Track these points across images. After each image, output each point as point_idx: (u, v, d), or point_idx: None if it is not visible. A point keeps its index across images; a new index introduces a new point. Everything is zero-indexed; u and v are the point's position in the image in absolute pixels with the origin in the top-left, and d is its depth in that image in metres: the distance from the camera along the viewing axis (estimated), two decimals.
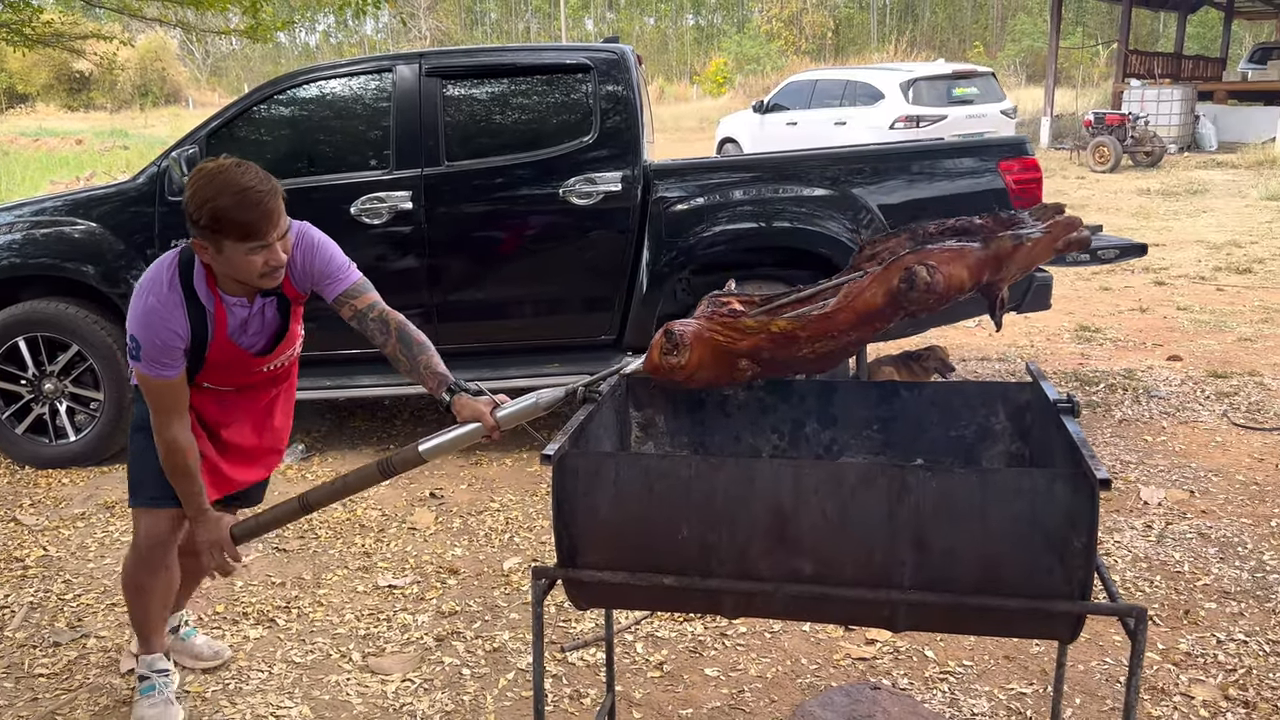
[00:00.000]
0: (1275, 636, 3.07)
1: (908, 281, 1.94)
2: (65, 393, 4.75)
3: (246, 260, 2.20)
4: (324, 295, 2.47)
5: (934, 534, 1.85)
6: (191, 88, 44.10)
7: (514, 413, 2.27)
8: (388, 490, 4.41)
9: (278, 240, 2.20)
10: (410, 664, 3.05)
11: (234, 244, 2.17)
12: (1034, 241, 1.96)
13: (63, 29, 13.64)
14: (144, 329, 2.29)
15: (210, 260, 2.27)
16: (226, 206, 2.11)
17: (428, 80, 4.63)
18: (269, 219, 2.15)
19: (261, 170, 2.20)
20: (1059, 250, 1.98)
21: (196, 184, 2.16)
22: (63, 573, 3.72)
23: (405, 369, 2.41)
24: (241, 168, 2.16)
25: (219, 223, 2.13)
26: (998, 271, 1.97)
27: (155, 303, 2.29)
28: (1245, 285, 8.16)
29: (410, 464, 2.34)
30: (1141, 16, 34.75)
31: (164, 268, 2.33)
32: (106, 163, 19.33)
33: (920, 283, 1.93)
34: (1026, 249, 1.96)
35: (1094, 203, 13.09)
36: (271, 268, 2.23)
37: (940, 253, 1.96)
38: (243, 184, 2.12)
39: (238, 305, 2.39)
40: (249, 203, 2.11)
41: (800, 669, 2.97)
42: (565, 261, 4.66)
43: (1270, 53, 22.79)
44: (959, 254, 1.96)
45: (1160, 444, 4.69)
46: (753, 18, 51.50)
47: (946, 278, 1.94)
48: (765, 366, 2.16)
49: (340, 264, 2.46)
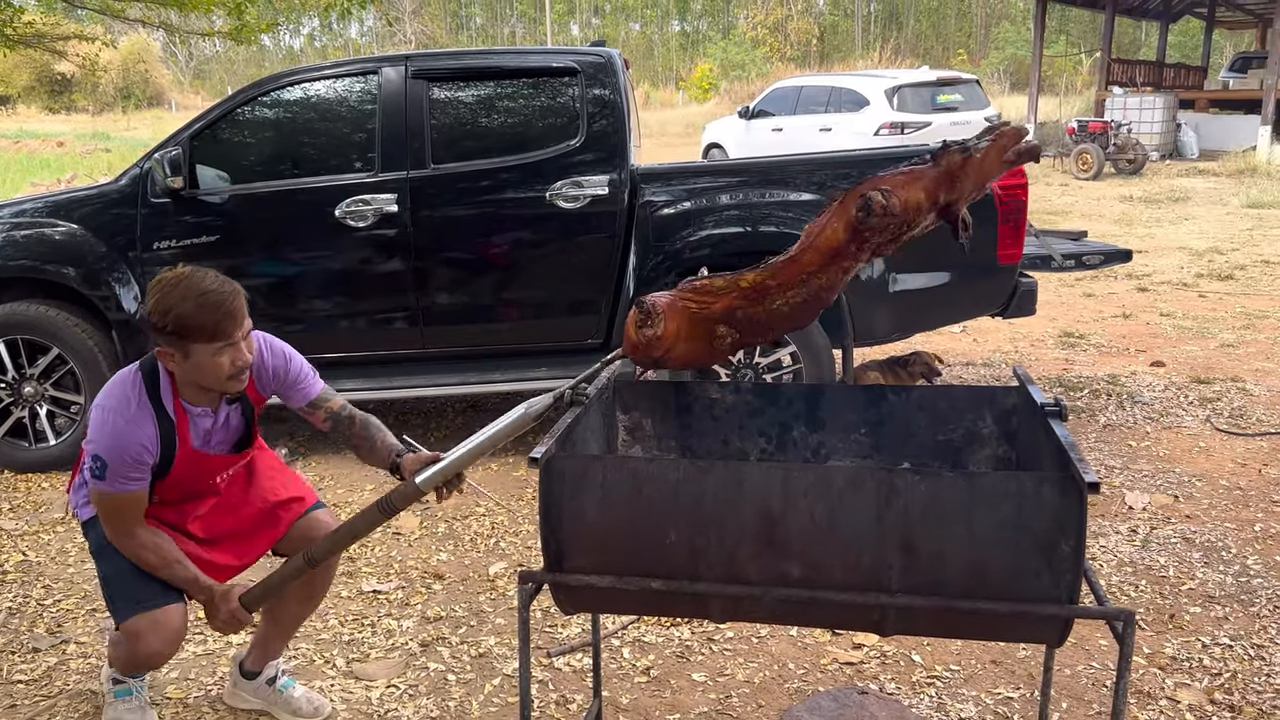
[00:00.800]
0: (1260, 640, 3.08)
1: (864, 208, 1.93)
2: (45, 396, 4.70)
3: (214, 362, 2.22)
4: (291, 401, 2.51)
5: (922, 538, 1.84)
6: (174, 90, 43.89)
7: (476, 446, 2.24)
8: (373, 496, 4.38)
9: (242, 340, 2.25)
10: (395, 670, 3.02)
11: (201, 346, 2.19)
12: (982, 153, 1.94)
13: (44, 30, 13.55)
14: (113, 449, 2.24)
15: (176, 368, 2.26)
16: (191, 310, 2.15)
17: (414, 82, 4.61)
18: (233, 318, 2.19)
19: (220, 274, 2.26)
20: (1009, 162, 1.95)
21: (158, 294, 2.19)
22: (42, 578, 3.68)
23: (365, 451, 2.51)
24: (200, 273, 2.22)
25: (185, 327, 2.16)
26: (952, 189, 1.95)
27: (124, 422, 2.25)
28: (1227, 292, 8.22)
29: (410, 499, 2.30)
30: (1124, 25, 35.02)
31: (128, 385, 2.30)
32: (88, 165, 19.20)
33: (876, 206, 1.92)
34: (976, 161, 1.94)
35: (1077, 209, 13.17)
36: (239, 368, 2.26)
37: (893, 177, 1.96)
38: (204, 287, 2.17)
39: (201, 415, 2.38)
40: (212, 304, 2.16)
41: (788, 673, 2.96)
42: (552, 265, 4.65)
43: (1251, 62, 22.99)
44: (912, 175, 1.96)
45: (1144, 449, 4.71)
46: (738, 24, 51.67)
47: (903, 200, 1.93)
48: (745, 330, 2.12)
49: (308, 371, 2.54)
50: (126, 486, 2.29)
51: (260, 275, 4.63)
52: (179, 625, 2.43)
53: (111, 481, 2.27)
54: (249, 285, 4.53)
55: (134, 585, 2.41)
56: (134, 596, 2.41)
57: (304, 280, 4.64)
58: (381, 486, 4.47)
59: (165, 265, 4.57)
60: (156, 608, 2.40)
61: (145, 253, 4.58)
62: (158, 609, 2.40)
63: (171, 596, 2.43)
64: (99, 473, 2.27)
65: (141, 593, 2.41)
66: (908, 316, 4.78)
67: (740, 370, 4.59)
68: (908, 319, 4.81)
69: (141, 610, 2.39)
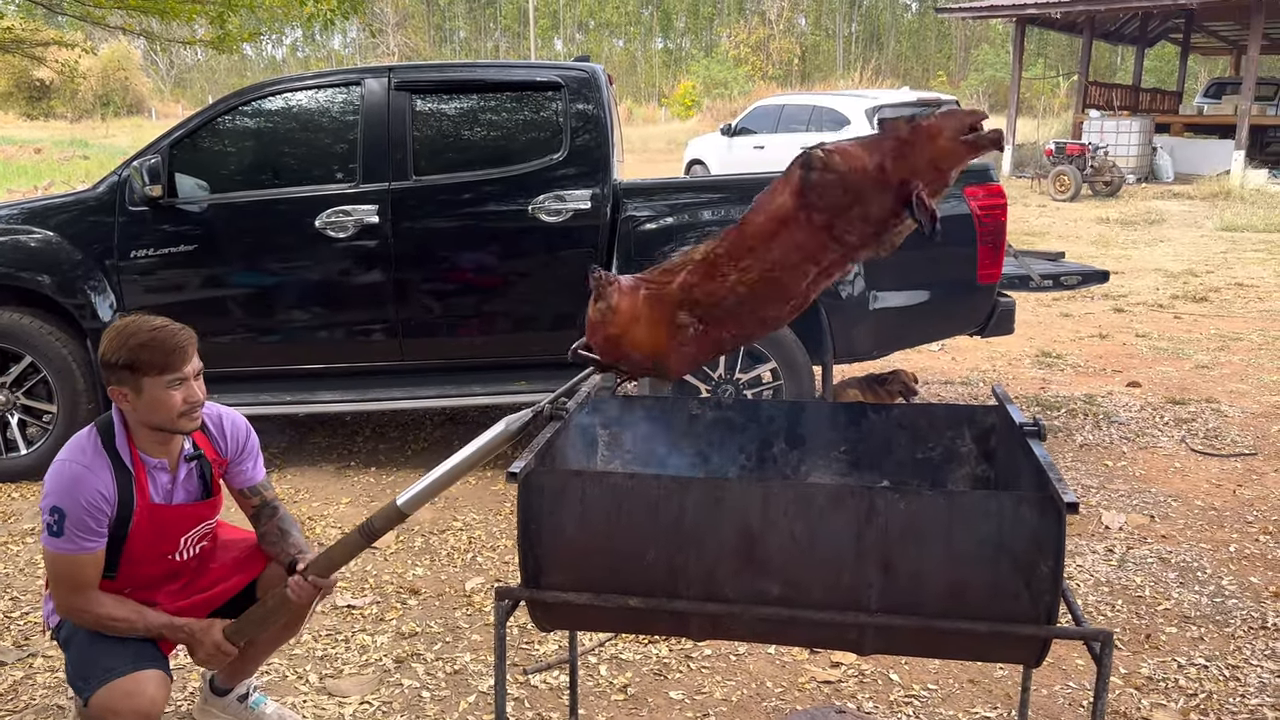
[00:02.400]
0: (1235, 661, 3.09)
1: (805, 164, 1.90)
2: (17, 405, 4.64)
3: (167, 395, 2.25)
4: (234, 479, 2.54)
5: (901, 556, 1.84)
6: (155, 98, 43.64)
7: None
8: (348, 508, 4.34)
9: (194, 378, 2.29)
10: (369, 686, 2.99)
11: (153, 380, 2.23)
12: (931, 125, 1.89)
13: (23, 35, 13.44)
14: (68, 495, 2.21)
15: (130, 407, 2.28)
16: (142, 343, 2.22)
17: (396, 94, 4.59)
18: (182, 353, 2.26)
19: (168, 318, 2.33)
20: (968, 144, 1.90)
21: (110, 335, 2.27)
22: (10, 589, 3.62)
23: (272, 541, 2.54)
24: (150, 316, 2.31)
25: (136, 361, 2.22)
26: (902, 160, 1.90)
27: (80, 468, 2.24)
28: (1202, 313, 8.30)
29: (392, 522, 2.27)
30: (1101, 49, 35.48)
31: (83, 438, 2.31)
32: (65, 172, 19.04)
33: (816, 161, 1.89)
34: (926, 133, 1.89)
35: (1054, 230, 13.29)
36: (190, 404, 2.29)
37: (836, 145, 1.94)
38: (154, 324, 2.27)
39: (159, 469, 2.36)
40: (162, 338, 2.24)
41: (765, 692, 2.95)
42: (533, 279, 4.64)
43: (1225, 87, 23.34)
44: (857, 141, 1.94)
45: (1120, 469, 4.74)
46: (721, 42, 51.96)
47: (844, 156, 1.90)
48: (707, 318, 2.06)
49: (259, 453, 2.61)
50: (85, 543, 2.23)
51: (239, 285, 4.60)
52: (155, 693, 2.25)
53: (70, 537, 2.21)
54: (227, 295, 4.59)
55: (103, 656, 2.27)
56: (104, 666, 2.25)
57: (283, 291, 4.60)
58: (357, 499, 4.44)
59: (142, 273, 4.54)
60: (126, 674, 2.23)
61: (122, 261, 4.53)
62: (127, 675, 2.23)
63: (144, 663, 2.27)
64: (57, 527, 2.21)
65: (110, 660, 2.25)
66: (887, 334, 4.80)
67: (720, 386, 4.59)
68: (887, 337, 4.83)
69: (113, 678, 2.22)
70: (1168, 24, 24.02)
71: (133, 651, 2.29)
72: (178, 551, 2.43)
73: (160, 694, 2.26)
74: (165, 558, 2.41)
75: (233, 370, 4.64)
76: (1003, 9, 21.70)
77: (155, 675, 2.27)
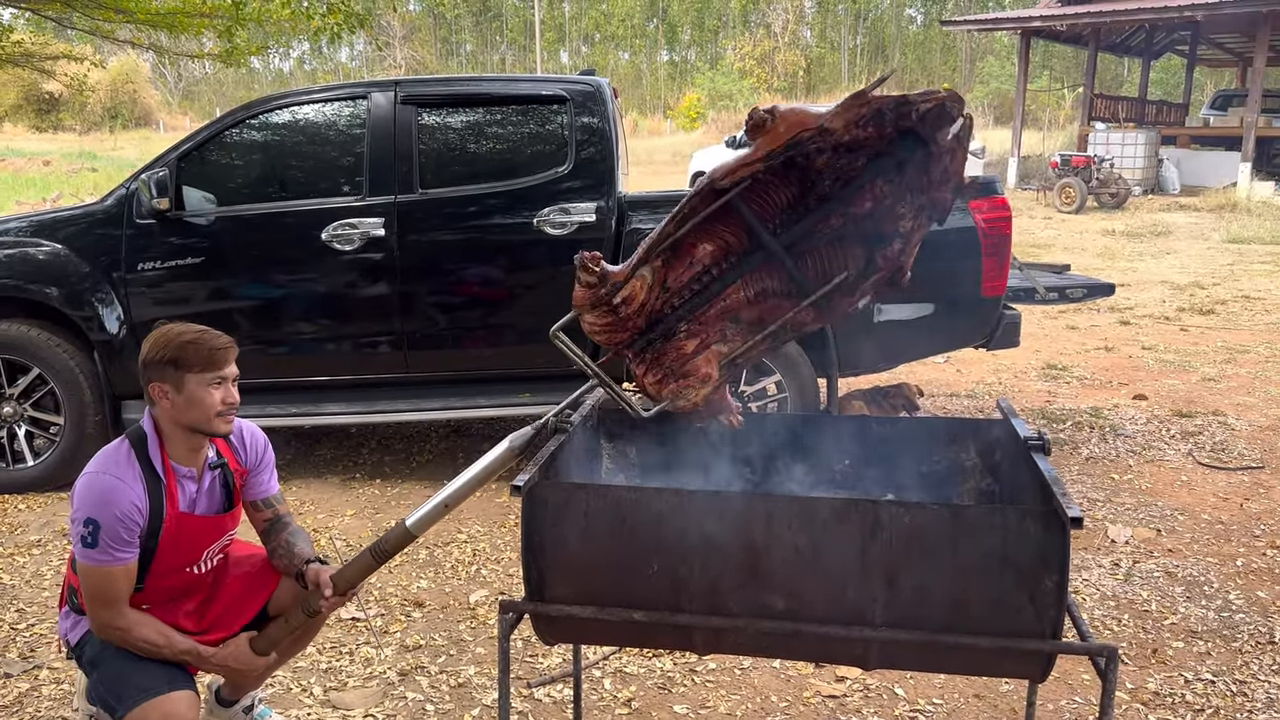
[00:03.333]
0: (1242, 676, 3.08)
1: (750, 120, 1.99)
2: (24, 416, 4.65)
3: (207, 393, 2.30)
4: (252, 489, 2.56)
5: (906, 570, 1.84)
6: (163, 111, 43.84)
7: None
8: (353, 520, 4.35)
9: (231, 383, 2.36)
10: (373, 699, 2.99)
11: (195, 376, 2.29)
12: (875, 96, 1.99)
13: (33, 49, 13.52)
14: (103, 506, 2.22)
15: (169, 404, 2.31)
16: (188, 342, 2.30)
17: (403, 108, 4.62)
18: (225, 354, 2.34)
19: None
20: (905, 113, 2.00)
21: (154, 337, 2.33)
22: (16, 601, 3.62)
23: (280, 554, 2.54)
24: (192, 324, 2.39)
25: (181, 357, 2.29)
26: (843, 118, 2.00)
27: (112, 479, 2.26)
28: (1208, 326, 8.29)
29: (403, 542, 2.28)
30: (1107, 62, 35.52)
31: (116, 450, 2.34)
32: (74, 184, 19.13)
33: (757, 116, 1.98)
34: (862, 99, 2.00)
35: (1060, 242, 13.29)
36: (229, 405, 2.35)
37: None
38: (198, 328, 2.35)
39: (188, 478, 2.39)
40: (207, 339, 2.32)
41: (770, 706, 2.94)
42: (538, 291, 4.64)
43: (1231, 99, 23.35)
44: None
45: (1127, 482, 4.73)
46: (726, 55, 52.09)
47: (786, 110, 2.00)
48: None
49: (274, 467, 2.64)
50: (119, 555, 2.24)
51: (246, 297, 4.61)
52: (187, 714, 2.26)
53: (104, 549, 2.22)
54: (234, 307, 4.60)
55: (136, 675, 2.28)
56: (138, 685, 2.26)
57: (289, 303, 4.62)
58: (362, 511, 4.44)
59: (150, 286, 4.56)
60: (161, 694, 2.24)
61: (130, 274, 4.55)
62: (163, 695, 2.24)
63: (178, 684, 2.30)
64: (91, 539, 2.22)
65: (145, 680, 2.27)
66: (892, 347, 4.80)
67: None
68: (892, 350, 4.82)
69: (148, 698, 2.23)
70: (1173, 36, 24.06)
71: (165, 671, 2.32)
72: (199, 563, 2.44)
73: (192, 715, 2.29)
74: (186, 570, 2.43)
75: (239, 382, 4.64)
76: (1007, 21, 21.76)
77: (187, 696, 2.30)
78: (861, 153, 2.10)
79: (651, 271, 2.18)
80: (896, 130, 2.03)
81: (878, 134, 2.03)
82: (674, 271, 2.22)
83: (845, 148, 2.07)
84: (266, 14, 10.41)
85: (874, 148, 2.09)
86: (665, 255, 2.18)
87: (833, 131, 2.00)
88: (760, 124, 1.99)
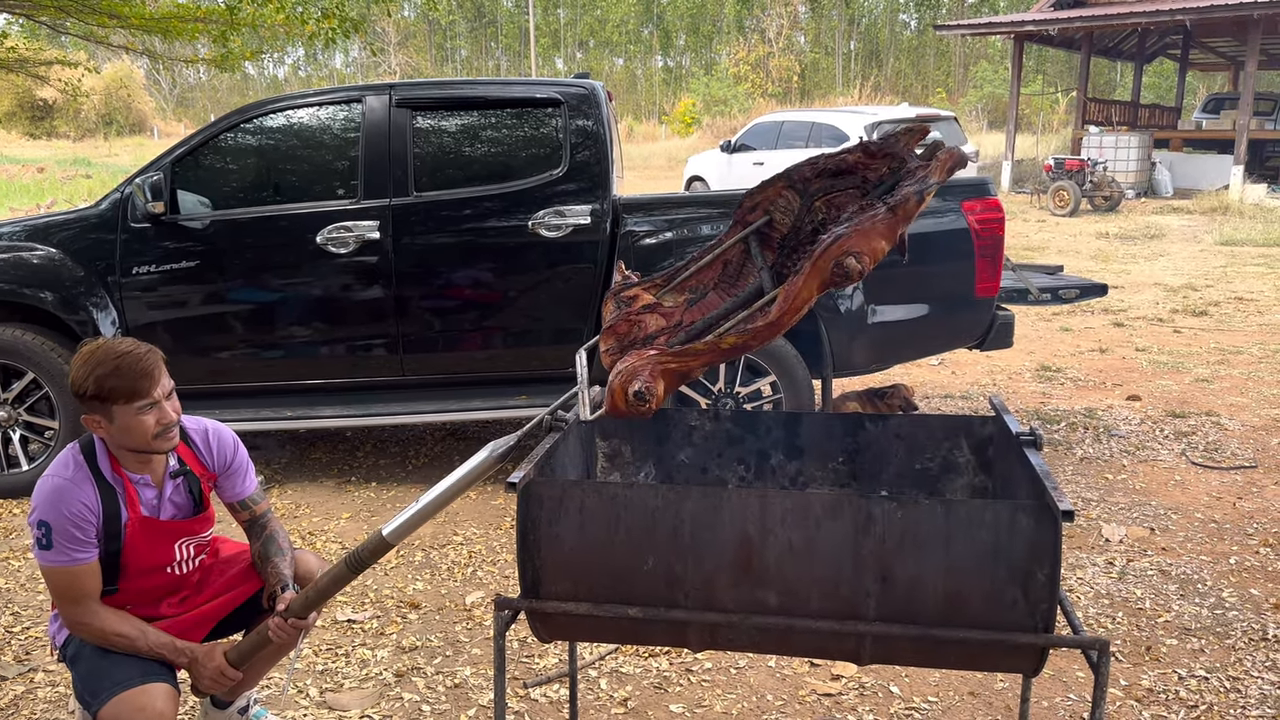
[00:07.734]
0: (1235, 673, 3.09)
1: (842, 273, 1.98)
2: (19, 420, 4.65)
3: (138, 421, 2.25)
4: (224, 492, 2.54)
5: (899, 565, 1.85)
6: (157, 117, 43.82)
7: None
8: (348, 524, 4.35)
9: (164, 399, 2.29)
10: (369, 700, 2.99)
11: (122, 407, 2.24)
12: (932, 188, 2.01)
13: (27, 55, 13.52)
14: (52, 507, 2.23)
15: (105, 434, 2.29)
16: (108, 372, 2.22)
17: (397, 111, 4.63)
18: (149, 377, 2.26)
19: (136, 340, 2.33)
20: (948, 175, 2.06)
21: (77, 365, 2.26)
22: (11, 605, 3.62)
23: (259, 561, 2.53)
24: (116, 340, 2.30)
25: (104, 390, 2.22)
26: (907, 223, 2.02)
27: (60, 481, 2.26)
28: (1201, 328, 8.31)
29: (379, 552, 2.24)
30: (1100, 66, 35.66)
31: (66, 454, 2.34)
32: (68, 191, 19.10)
33: (854, 272, 1.97)
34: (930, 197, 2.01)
35: (1054, 245, 13.32)
36: (164, 426, 2.29)
37: (858, 235, 1.98)
38: (119, 351, 2.26)
39: (143, 484, 2.37)
40: (127, 365, 2.23)
41: (765, 705, 2.94)
42: (533, 294, 4.65)
43: (1223, 103, 23.45)
44: (875, 231, 1.99)
45: (1121, 482, 4.74)
46: (721, 60, 52.21)
47: (872, 255, 1.99)
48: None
49: (250, 466, 2.60)
50: (76, 555, 2.24)
51: (240, 301, 4.62)
52: (163, 706, 2.22)
53: (59, 549, 2.23)
54: (229, 311, 4.61)
55: (112, 669, 2.26)
56: (113, 679, 2.23)
57: (284, 306, 4.62)
58: (358, 514, 4.44)
59: (144, 290, 4.56)
60: (135, 686, 2.21)
61: (124, 278, 4.55)
62: (136, 688, 2.21)
63: (153, 676, 2.27)
64: (45, 540, 2.23)
65: (120, 674, 2.25)
66: (886, 348, 4.81)
67: (720, 400, 4.60)
68: (886, 350, 4.84)
69: (121, 690, 2.20)
70: (1165, 40, 24.16)
71: (141, 665, 2.29)
72: (175, 564, 2.43)
73: (169, 707, 2.25)
74: (164, 570, 2.42)
75: (234, 385, 4.66)
76: (1001, 26, 21.82)
77: (163, 689, 2.27)
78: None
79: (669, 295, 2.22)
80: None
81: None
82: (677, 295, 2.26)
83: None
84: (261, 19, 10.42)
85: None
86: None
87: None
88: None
